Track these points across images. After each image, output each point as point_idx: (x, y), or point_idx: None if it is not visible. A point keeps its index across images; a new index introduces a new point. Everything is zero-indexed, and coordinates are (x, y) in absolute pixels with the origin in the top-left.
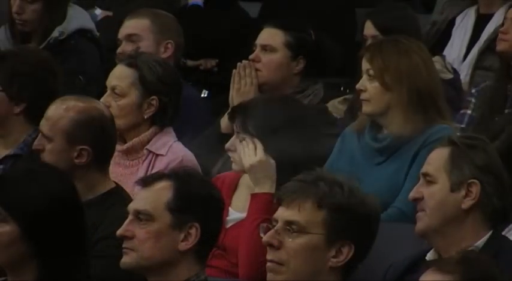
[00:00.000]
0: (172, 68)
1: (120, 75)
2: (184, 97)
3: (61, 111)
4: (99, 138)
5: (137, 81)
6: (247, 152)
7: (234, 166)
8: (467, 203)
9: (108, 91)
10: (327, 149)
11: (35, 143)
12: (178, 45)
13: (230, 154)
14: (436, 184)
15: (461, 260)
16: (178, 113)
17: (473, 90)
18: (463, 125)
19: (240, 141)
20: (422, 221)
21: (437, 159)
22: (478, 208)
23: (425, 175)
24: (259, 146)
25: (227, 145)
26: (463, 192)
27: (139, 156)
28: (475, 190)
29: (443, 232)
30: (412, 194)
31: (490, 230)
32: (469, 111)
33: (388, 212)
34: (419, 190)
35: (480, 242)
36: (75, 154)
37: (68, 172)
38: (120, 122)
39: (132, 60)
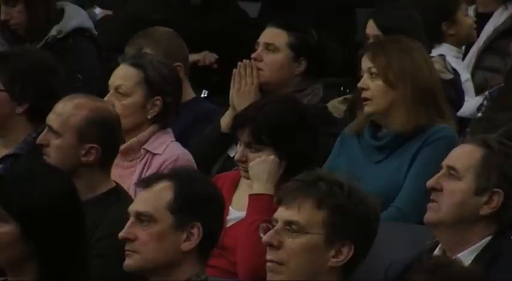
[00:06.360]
0: (175, 69)
1: (124, 75)
2: (202, 111)
3: (73, 108)
4: (108, 138)
5: (142, 81)
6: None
7: (245, 174)
8: (486, 210)
9: (112, 91)
10: (326, 148)
11: (40, 137)
12: (186, 61)
13: (241, 164)
14: (460, 181)
15: None
16: (178, 114)
17: (486, 93)
18: None
19: (255, 151)
20: (435, 214)
21: (468, 157)
22: (494, 216)
23: (450, 168)
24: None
25: (237, 157)
26: (485, 198)
27: (137, 156)
28: (497, 199)
29: (452, 230)
30: (431, 183)
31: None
32: (479, 115)
33: (388, 212)
34: (439, 181)
35: (482, 243)
36: (83, 152)
37: (71, 170)
38: (123, 122)
39: (137, 60)
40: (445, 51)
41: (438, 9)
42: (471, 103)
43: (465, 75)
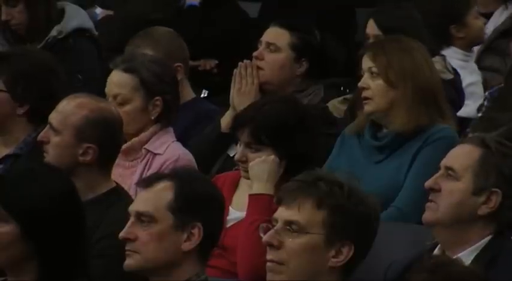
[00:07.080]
0: (169, 65)
1: (120, 83)
2: (202, 111)
3: (75, 107)
4: (107, 139)
5: (139, 86)
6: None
7: (245, 174)
8: (484, 210)
9: (110, 99)
10: (326, 148)
11: (41, 134)
12: (186, 61)
13: (241, 164)
14: (458, 181)
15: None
16: (178, 110)
17: (486, 93)
18: None
19: (255, 151)
20: (433, 214)
21: (466, 157)
22: (492, 216)
23: (448, 168)
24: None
25: (237, 157)
26: (483, 198)
27: (138, 156)
28: (495, 199)
29: (451, 230)
30: (429, 184)
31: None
32: (479, 115)
33: (387, 212)
34: (437, 181)
35: (482, 243)
36: (81, 151)
37: (69, 168)
38: (128, 128)
39: (129, 65)
40: (451, 54)
41: (447, 12)
42: (470, 107)
43: (471, 79)
